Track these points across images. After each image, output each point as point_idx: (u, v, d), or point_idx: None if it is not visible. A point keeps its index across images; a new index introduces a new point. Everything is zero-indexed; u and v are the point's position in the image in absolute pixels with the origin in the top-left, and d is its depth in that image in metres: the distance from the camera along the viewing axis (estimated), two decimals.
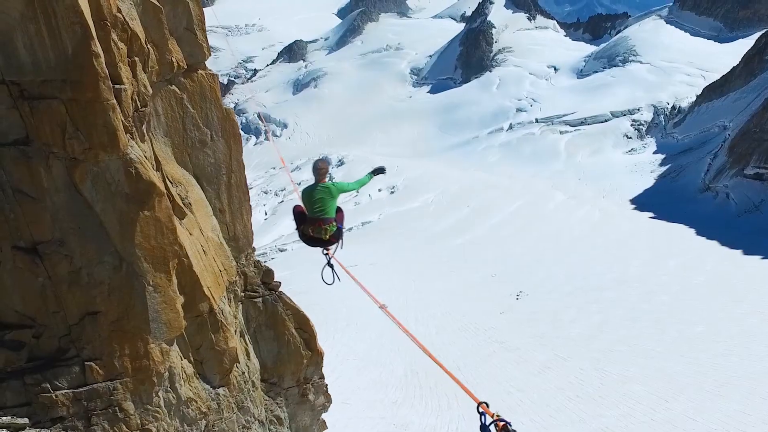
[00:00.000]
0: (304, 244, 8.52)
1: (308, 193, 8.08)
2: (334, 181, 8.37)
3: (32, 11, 5.90)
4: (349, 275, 8.06)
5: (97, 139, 6.59)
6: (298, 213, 8.47)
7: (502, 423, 3.78)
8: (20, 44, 6.00)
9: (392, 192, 71.54)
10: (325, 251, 8.65)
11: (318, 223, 8.03)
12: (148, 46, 7.90)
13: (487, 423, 3.88)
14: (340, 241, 8.53)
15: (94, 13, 6.36)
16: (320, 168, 8.11)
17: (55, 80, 6.27)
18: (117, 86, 6.71)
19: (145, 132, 7.98)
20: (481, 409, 3.97)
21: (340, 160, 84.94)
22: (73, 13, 5.98)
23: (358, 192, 66.12)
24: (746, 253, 40.76)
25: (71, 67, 6.22)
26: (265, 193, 78.96)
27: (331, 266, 8.54)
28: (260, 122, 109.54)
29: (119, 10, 6.96)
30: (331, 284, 8.55)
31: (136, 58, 7.42)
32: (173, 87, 9.01)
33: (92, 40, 6.18)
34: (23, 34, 5.97)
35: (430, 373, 24.12)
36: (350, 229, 57.55)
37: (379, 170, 8.80)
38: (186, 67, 8.99)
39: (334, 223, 8.18)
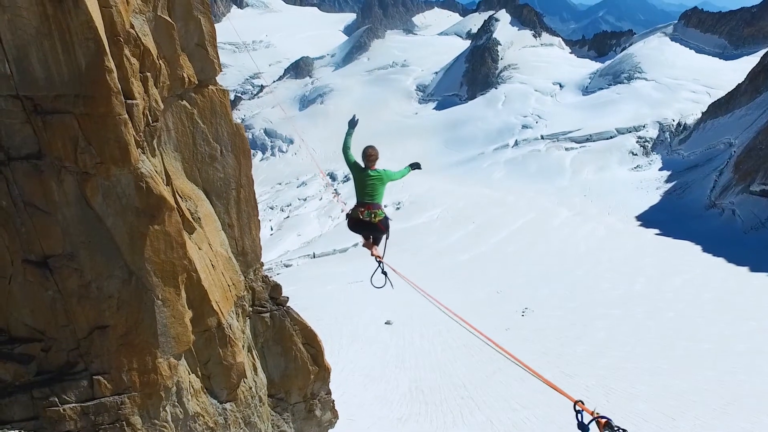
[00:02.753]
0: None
1: (359, 174, 8.17)
2: (384, 168, 8.43)
3: (47, 27, 5.96)
4: (400, 277, 8.08)
5: (108, 153, 6.63)
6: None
7: (604, 420, 3.57)
8: (35, 59, 6.05)
9: (398, 208, 71.56)
10: (377, 258, 8.74)
11: (368, 206, 8.18)
12: (160, 61, 7.96)
13: (587, 421, 3.70)
14: (387, 234, 8.63)
15: (108, 29, 6.42)
16: (370, 154, 8.19)
17: (68, 95, 6.32)
18: (129, 101, 6.76)
19: (155, 147, 8.03)
20: (578, 407, 3.78)
21: (345, 176, 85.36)
22: (87, 29, 6.04)
23: None
24: (753, 270, 40.54)
25: (84, 82, 6.27)
26: (272, 208, 79.18)
27: (385, 273, 8.61)
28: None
29: (132, 26, 7.03)
30: (381, 287, 8.65)
31: (148, 74, 7.47)
32: (184, 102, 9.07)
33: (105, 55, 6.24)
34: (38, 50, 6.02)
35: (435, 390, 23.97)
36: (356, 244, 57.52)
37: (416, 165, 9.04)
38: (197, 82, 9.06)
39: (383, 210, 8.31)
